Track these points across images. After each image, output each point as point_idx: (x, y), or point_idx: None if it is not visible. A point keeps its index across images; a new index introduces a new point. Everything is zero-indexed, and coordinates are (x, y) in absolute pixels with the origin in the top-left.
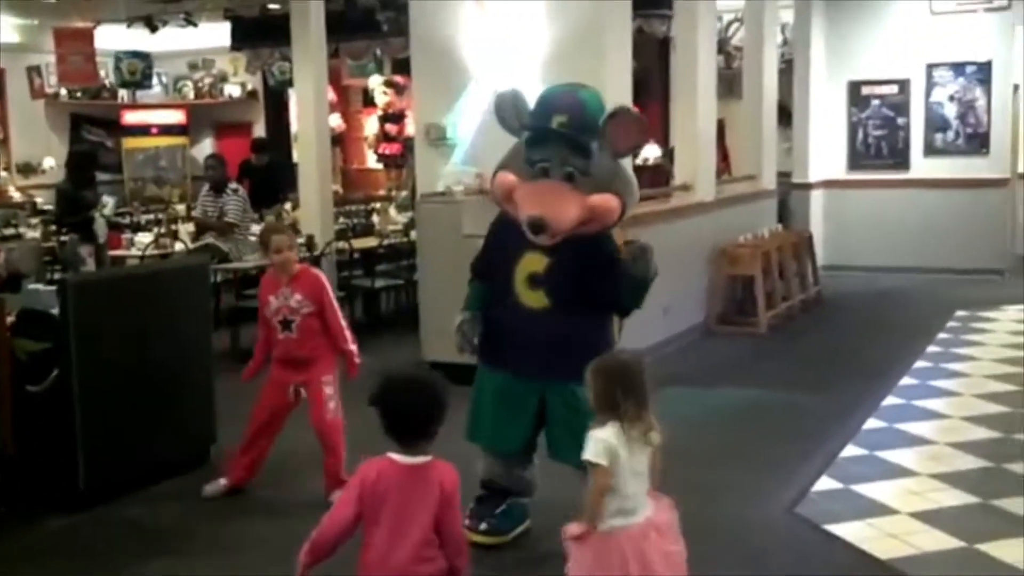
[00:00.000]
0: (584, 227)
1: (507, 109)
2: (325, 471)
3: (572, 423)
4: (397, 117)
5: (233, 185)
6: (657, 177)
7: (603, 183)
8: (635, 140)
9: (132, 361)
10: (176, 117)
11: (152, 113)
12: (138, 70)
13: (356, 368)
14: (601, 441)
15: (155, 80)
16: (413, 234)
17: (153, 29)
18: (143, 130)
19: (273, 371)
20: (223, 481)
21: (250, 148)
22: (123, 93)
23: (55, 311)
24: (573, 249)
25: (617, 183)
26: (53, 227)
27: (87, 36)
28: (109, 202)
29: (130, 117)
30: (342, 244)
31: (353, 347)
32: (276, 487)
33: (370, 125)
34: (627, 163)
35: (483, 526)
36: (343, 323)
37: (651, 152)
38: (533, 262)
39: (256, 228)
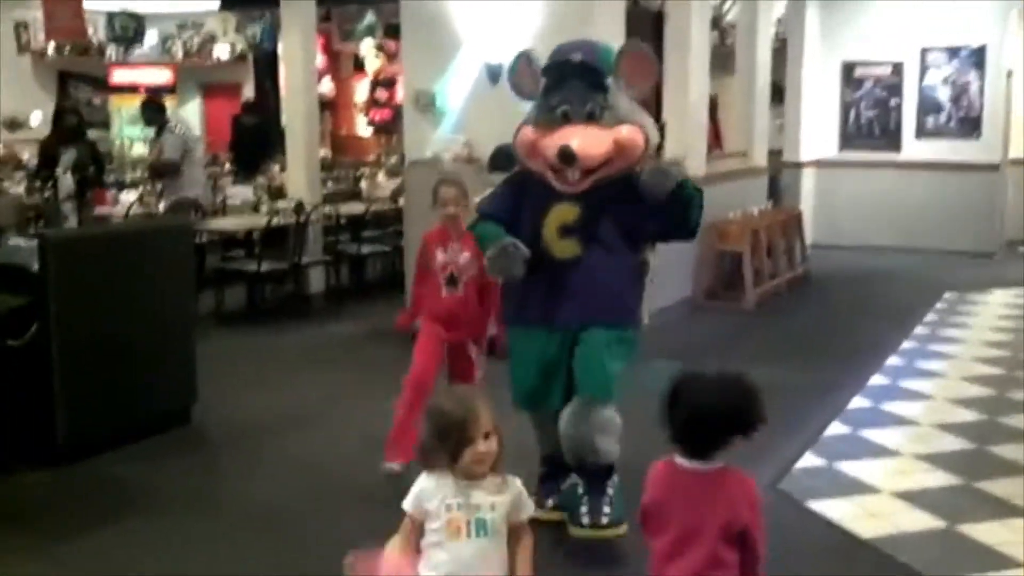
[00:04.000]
0: (611, 165)
1: (522, 70)
2: None
3: (597, 358)
4: (388, 83)
5: (171, 124)
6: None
7: (625, 118)
8: (649, 75)
9: (112, 318)
10: (164, 77)
11: (140, 72)
12: (130, 27)
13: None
14: None
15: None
16: (400, 200)
17: None
18: (130, 89)
19: (425, 326)
20: (395, 466)
21: (241, 110)
22: (111, 52)
23: (35, 267)
24: (602, 194)
25: (638, 118)
26: (38, 183)
27: None
28: (68, 158)
29: (118, 76)
30: (328, 209)
31: (495, 330)
32: (255, 448)
33: (361, 91)
34: None
35: (550, 502)
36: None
37: None
38: (563, 213)
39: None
